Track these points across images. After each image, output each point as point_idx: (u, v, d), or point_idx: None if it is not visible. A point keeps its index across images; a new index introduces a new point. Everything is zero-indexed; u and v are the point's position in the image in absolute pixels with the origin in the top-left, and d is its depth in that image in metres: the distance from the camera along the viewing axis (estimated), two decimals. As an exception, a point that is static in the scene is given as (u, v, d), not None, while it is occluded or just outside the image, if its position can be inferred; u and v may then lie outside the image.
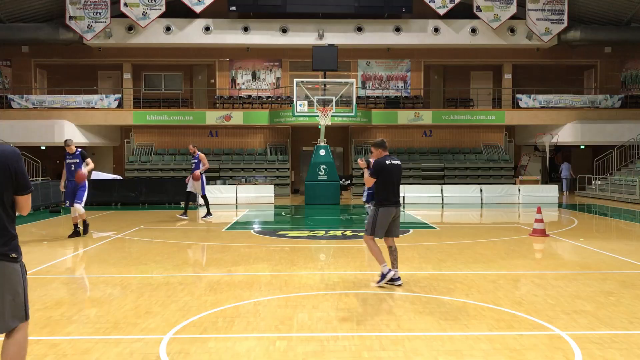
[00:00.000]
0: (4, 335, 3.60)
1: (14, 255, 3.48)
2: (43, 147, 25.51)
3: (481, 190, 21.69)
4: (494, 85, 29.34)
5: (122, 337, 5.26)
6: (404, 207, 19.81)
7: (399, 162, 7.64)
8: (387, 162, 7.41)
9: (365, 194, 13.10)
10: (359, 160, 8.02)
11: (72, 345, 5.04)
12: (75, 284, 7.70)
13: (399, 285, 7.26)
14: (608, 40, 26.93)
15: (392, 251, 7.49)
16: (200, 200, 20.61)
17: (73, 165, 11.66)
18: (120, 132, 28.04)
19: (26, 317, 3.59)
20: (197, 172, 15.37)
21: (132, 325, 5.65)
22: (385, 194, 7.31)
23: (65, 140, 11.97)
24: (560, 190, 25.18)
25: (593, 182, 25.32)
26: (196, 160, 15.68)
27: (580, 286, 7.33)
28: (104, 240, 11.77)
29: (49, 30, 25.34)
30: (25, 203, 3.59)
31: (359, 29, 26.12)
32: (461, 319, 5.84)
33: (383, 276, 7.24)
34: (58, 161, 27.92)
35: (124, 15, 25.12)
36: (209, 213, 15.93)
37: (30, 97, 26.18)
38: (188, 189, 15.88)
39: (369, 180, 7.43)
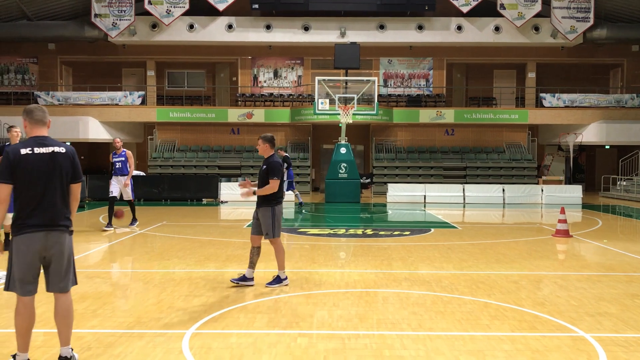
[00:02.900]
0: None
1: (71, 228, 4.44)
2: (68, 143, 25.80)
3: (503, 190, 21.49)
4: (517, 84, 29.04)
5: (145, 332, 5.33)
6: (425, 206, 19.72)
7: None
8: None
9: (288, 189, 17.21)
10: (245, 191, 7.08)
11: (96, 339, 5.12)
12: (99, 279, 7.81)
13: (251, 285, 7.17)
14: (635, 38, 26.46)
15: (259, 252, 7.32)
16: (224, 197, 20.78)
17: None
18: (144, 128, 28.34)
19: (76, 281, 4.56)
20: (128, 180, 12.83)
21: (155, 319, 5.72)
22: (281, 192, 7.21)
23: (10, 127, 9.15)
24: None
25: (618, 182, 24.94)
26: (122, 159, 12.86)
27: (604, 288, 7.23)
28: (127, 235, 11.91)
29: (74, 27, 25.71)
30: (76, 190, 4.47)
31: (381, 27, 26.04)
32: (483, 319, 5.80)
33: (280, 281, 7.16)
34: (82, 157, 28.35)
35: (148, 13, 25.37)
36: (135, 219, 13.24)
37: (56, 93, 26.59)
38: (113, 194, 12.81)
39: (275, 185, 6.99)
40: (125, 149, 13.07)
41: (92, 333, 5.28)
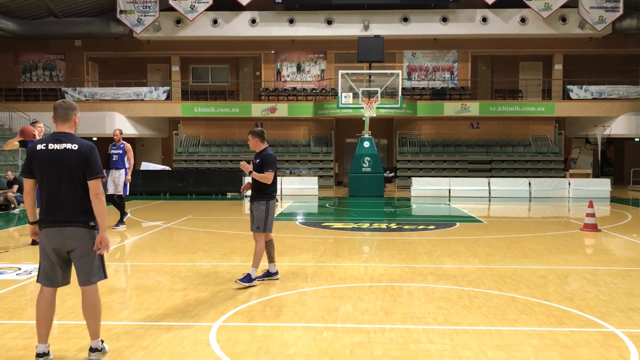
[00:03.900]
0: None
1: (92, 223, 4.34)
2: (95, 139, 26.23)
3: (530, 184, 21.22)
4: (543, 76, 28.60)
5: (172, 324, 5.39)
6: (449, 201, 19.57)
7: None
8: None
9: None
10: (244, 164, 7.03)
11: (125, 331, 5.20)
12: (127, 272, 7.92)
13: (277, 279, 7.18)
14: (666, 28, 25.85)
15: (272, 245, 7.24)
16: (248, 191, 20.90)
17: None
18: (169, 123, 28.61)
19: (105, 275, 4.54)
20: (129, 176, 12.26)
21: (182, 312, 5.78)
22: (275, 187, 7.09)
23: (33, 123, 9.30)
24: None
25: (648, 176, 24.45)
26: (120, 152, 12.25)
27: (634, 283, 7.10)
28: (154, 229, 12.05)
29: (100, 24, 26.03)
30: (92, 187, 4.32)
31: (405, 20, 25.85)
32: (510, 313, 5.74)
33: (250, 280, 6.85)
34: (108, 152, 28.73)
35: (172, 9, 25.55)
36: (122, 221, 12.16)
37: (83, 89, 26.96)
38: (109, 192, 12.05)
39: (270, 176, 6.89)
40: (124, 142, 12.39)
41: (121, 325, 5.36)
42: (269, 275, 7.20)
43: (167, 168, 23.69)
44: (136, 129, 26.41)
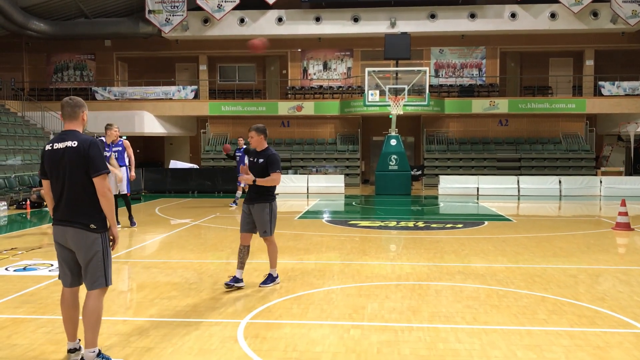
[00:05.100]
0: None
1: (93, 226, 4.20)
2: (124, 137, 26.63)
3: (560, 182, 20.87)
4: (574, 72, 28.09)
5: (201, 321, 5.44)
6: (478, 199, 19.37)
7: None
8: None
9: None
10: (246, 177, 6.60)
11: (154, 327, 5.26)
12: (156, 269, 8.01)
13: (242, 286, 6.69)
14: (702, 22, 25.14)
15: (248, 251, 6.81)
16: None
17: None
18: (197, 122, 28.88)
19: (106, 283, 4.30)
20: (133, 172, 11.90)
21: (210, 309, 5.83)
22: (275, 187, 6.80)
23: (108, 125, 11.30)
24: None
25: (683, 173, 23.85)
26: (120, 149, 11.70)
27: (669, 283, 6.93)
28: (182, 227, 12.18)
29: (129, 24, 26.40)
30: (97, 185, 4.20)
31: (432, 16, 25.64)
32: (540, 313, 5.66)
33: (273, 279, 6.85)
34: (138, 150, 29.14)
35: (199, 8, 25.77)
36: (132, 220, 11.93)
37: (113, 89, 27.39)
38: (114, 192, 11.28)
39: (278, 178, 6.66)
40: (122, 138, 11.88)
41: (150, 321, 5.43)
42: (236, 280, 6.68)
43: (195, 166, 23.90)
44: (164, 127, 26.73)
